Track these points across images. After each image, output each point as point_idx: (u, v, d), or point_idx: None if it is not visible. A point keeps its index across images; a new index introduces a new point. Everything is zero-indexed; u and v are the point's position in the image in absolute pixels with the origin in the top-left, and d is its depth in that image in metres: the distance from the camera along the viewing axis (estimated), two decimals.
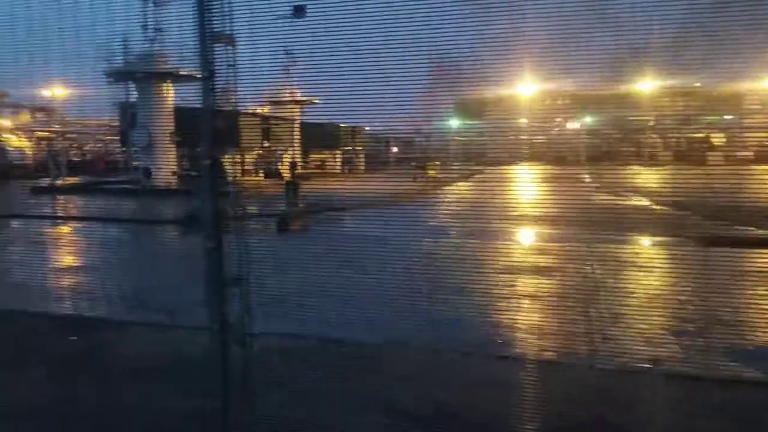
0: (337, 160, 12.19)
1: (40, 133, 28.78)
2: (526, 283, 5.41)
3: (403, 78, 3.35)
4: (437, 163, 6.39)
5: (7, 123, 25.90)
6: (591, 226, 3.62)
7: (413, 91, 3.52)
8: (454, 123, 5.14)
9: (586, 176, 4.66)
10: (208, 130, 2.71)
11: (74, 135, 30.94)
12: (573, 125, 7.01)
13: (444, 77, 3.51)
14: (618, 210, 4.06)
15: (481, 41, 3.09)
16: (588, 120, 7.22)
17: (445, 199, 5.76)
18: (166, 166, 9.65)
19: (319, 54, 4.45)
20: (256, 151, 11.88)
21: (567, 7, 2.89)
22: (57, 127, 29.26)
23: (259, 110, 12.37)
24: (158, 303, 5.03)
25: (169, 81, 9.57)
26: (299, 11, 4.31)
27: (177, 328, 4.19)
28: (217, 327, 2.61)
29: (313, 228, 6.60)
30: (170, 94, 9.48)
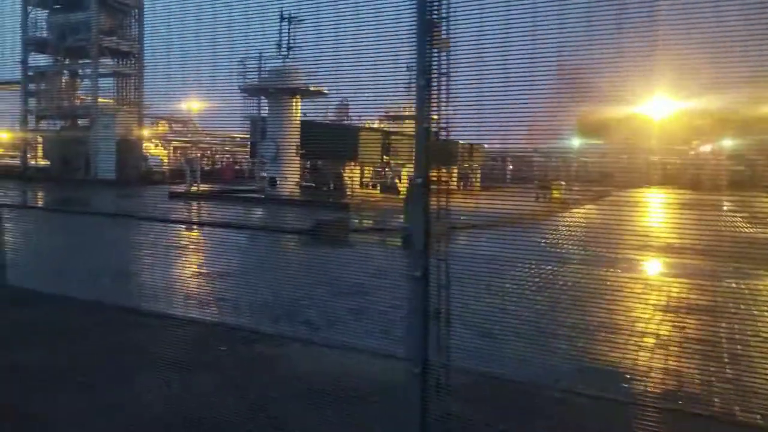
0: (453, 176, 12.16)
1: (176, 143, 31.55)
2: (690, 324, 4.94)
3: (524, 92, 3.26)
4: (562, 183, 6.09)
5: (147, 133, 28.55)
6: (743, 260, 3.25)
7: (534, 107, 3.41)
8: (577, 141, 4.90)
9: (728, 203, 4.24)
10: (422, 146, 2.50)
11: (206, 145, 33.65)
12: (713, 147, 6.46)
13: (569, 92, 3.37)
14: None
15: (614, 53, 2.92)
16: (731, 143, 6.62)
17: (575, 223, 5.48)
18: (291, 177, 10.16)
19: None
20: (371, 165, 12.25)
21: (714, 19, 2.67)
22: (191, 138, 31.94)
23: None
24: (304, 316, 4.96)
25: (297, 96, 10.09)
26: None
27: (333, 346, 3.99)
28: (419, 370, 2.39)
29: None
30: (298, 108, 9.99)
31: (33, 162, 27.55)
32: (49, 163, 26.37)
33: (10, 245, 6.10)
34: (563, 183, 5.98)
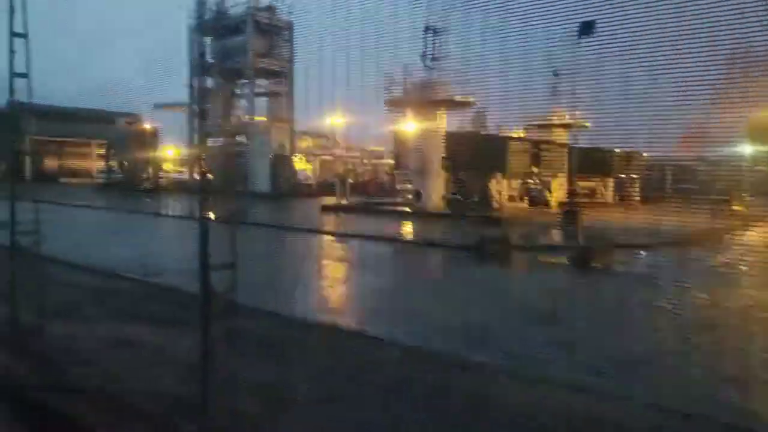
0: (608, 188, 11.52)
1: (322, 157, 33.26)
2: None
3: (690, 95, 3.06)
4: (747, 196, 5.42)
5: (297, 148, 30.27)
6: None
7: (701, 111, 3.17)
8: (750, 147, 4.44)
9: None
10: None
11: (350, 159, 35.06)
12: None
13: (740, 94, 3.08)
14: None
15: None
16: None
17: None
18: (436, 189, 10.22)
19: (592, 74, 4.32)
20: (519, 177, 11.90)
21: None
22: (337, 152, 33.52)
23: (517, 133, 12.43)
24: (500, 343, 4.61)
25: (443, 108, 10.21)
26: (587, 28, 4.13)
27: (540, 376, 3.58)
28: None
29: (617, 267, 5.82)
30: (443, 120, 10.09)
31: (198, 176, 30.35)
32: (211, 177, 28.95)
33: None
34: (749, 197, 5.31)
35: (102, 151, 39.39)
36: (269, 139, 22.34)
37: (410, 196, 11.90)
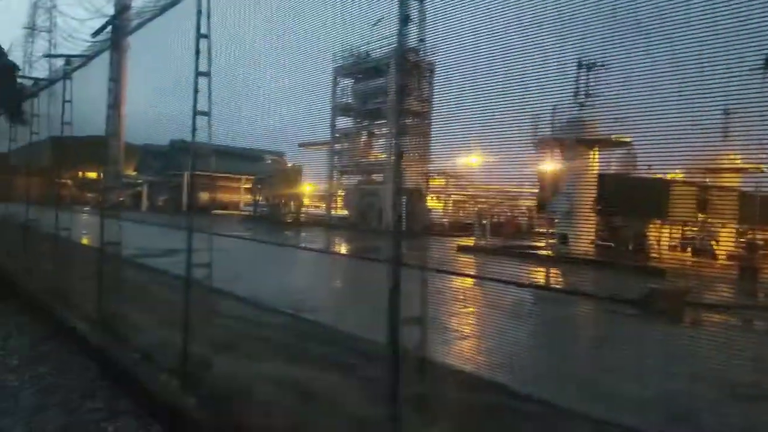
0: None
1: (455, 197, 33.23)
2: None
3: None
4: None
5: (431, 186, 30.50)
6: None
7: None
8: None
9: None
10: None
11: (486, 199, 34.69)
12: None
13: None
14: None
15: None
16: None
17: None
18: (585, 234, 9.67)
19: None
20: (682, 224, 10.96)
21: None
22: (471, 191, 33.31)
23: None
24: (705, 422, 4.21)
25: (596, 147, 9.69)
26: None
27: None
28: None
29: None
30: (595, 160, 9.58)
31: (334, 212, 31.83)
32: (347, 213, 30.12)
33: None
34: None
35: (249, 186, 42.46)
36: (404, 178, 22.73)
37: (554, 240, 11.38)
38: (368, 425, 3.35)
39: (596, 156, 10.41)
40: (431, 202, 32.72)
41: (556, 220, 11.81)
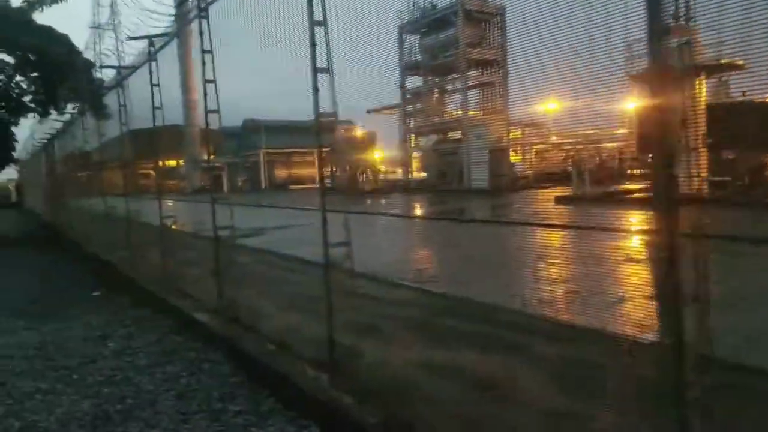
0: None
1: (536, 147, 31.94)
2: None
3: None
4: None
5: (513, 139, 29.41)
6: None
7: None
8: None
9: None
10: None
11: (571, 146, 33.17)
12: None
13: None
14: None
15: None
16: None
17: None
18: (694, 171, 8.88)
19: None
20: None
21: None
22: (554, 140, 31.90)
23: None
24: None
25: (703, 75, 8.81)
26: None
27: None
28: None
29: None
30: (702, 89, 8.73)
31: (411, 176, 31.56)
32: (425, 175, 29.77)
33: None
34: None
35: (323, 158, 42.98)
36: (484, 133, 22.06)
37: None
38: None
39: (703, 84, 9.50)
40: (513, 157, 31.77)
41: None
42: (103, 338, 8.59)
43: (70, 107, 24.81)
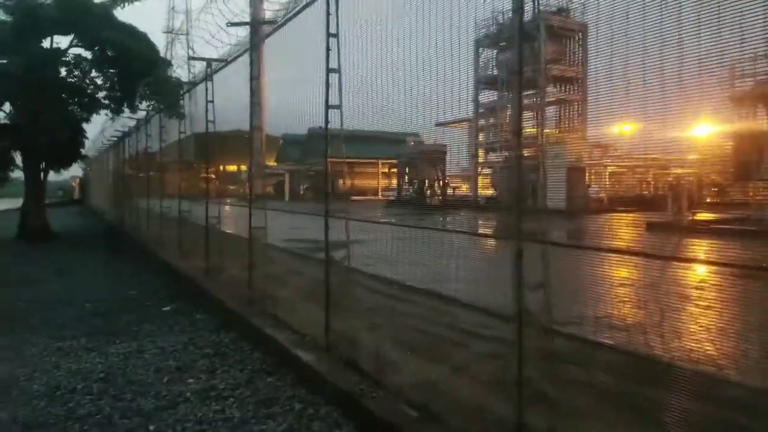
0: None
1: (612, 168, 31.01)
2: None
3: None
4: None
5: (592, 159, 28.77)
6: None
7: None
8: None
9: None
10: None
11: (650, 168, 32.09)
12: None
13: None
14: None
15: None
16: None
17: None
18: None
19: None
20: None
21: None
22: (630, 162, 30.88)
23: None
24: None
25: None
26: None
27: None
28: None
29: None
30: None
31: (479, 192, 31.40)
32: (495, 192, 29.58)
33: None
34: None
35: (386, 170, 43.17)
36: (562, 151, 21.62)
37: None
38: None
39: None
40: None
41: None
42: (181, 371, 7.48)
43: (144, 105, 25.71)
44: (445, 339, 7.01)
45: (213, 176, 16.01)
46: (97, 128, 37.81)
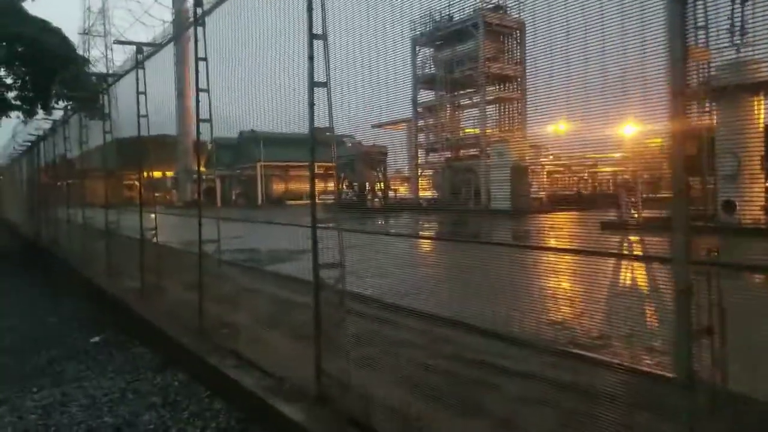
0: None
1: (549, 167, 31.84)
2: None
3: None
4: None
5: (530, 158, 29.42)
6: None
7: None
8: None
9: None
10: None
11: (583, 169, 33.11)
12: None
13: None
14: None
15: None
16: None
17: None
18: (757, 198, 8.59)
19: None
20: None
21: None
22: (575, 160, 31.83)
23: None
24: None
25: (760, 94, 8.65)
26: None
27: None
28: None
29: None
30: (760, 110, 8.59)
31: (420, 194, 31.53)
32: (436, 194, 29.68)
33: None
34: None
35: (321, 173, 42.90)
36: (505, 151, 21.90)
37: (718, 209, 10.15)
38: None
39: (761, 104, 9.16)
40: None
41: (716, 185, 10.53)
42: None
43: (61, 105, 24.23)
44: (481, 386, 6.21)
45: (143, 182, 15.22)
46: (9, 133, 35.92)
